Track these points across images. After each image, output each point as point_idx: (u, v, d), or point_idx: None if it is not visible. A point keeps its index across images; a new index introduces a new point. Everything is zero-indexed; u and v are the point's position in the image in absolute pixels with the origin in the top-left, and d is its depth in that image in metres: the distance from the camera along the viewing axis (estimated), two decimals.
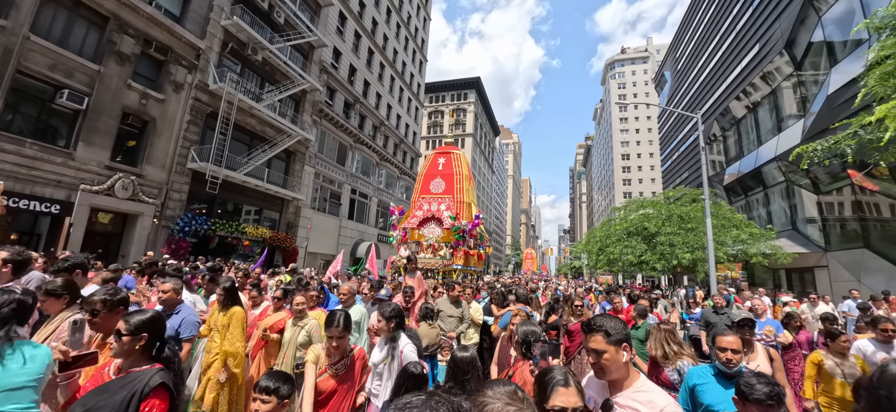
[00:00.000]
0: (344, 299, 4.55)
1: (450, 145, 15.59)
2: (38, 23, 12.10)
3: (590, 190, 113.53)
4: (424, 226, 13.69)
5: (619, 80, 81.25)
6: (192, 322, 3.66)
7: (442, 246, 12.88)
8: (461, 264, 12.69)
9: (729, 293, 13.50)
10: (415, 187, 14.98)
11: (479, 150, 69.73)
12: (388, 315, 3.39)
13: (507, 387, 1.23)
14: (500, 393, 1.21)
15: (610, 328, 1.87)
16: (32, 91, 12.14)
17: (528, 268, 46.04)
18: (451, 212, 13.19)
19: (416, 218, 13.81)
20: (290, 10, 21.38)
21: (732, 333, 2.73)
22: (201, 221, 16.21)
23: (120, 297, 2.66)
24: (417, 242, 13.37)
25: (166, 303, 3.68)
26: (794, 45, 19.54)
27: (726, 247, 17.63)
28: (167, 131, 15.61)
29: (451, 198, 13.76)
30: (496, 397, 1.19)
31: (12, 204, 11.27)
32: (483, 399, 1.20)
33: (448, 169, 14.41)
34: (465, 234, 12.94)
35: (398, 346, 3.33)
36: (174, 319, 3.58)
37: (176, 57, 15.88)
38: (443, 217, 13.29)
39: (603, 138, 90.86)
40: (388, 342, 3.36)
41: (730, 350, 2.62)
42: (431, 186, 14.23)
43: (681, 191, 23.59)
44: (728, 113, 27.14)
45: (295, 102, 23.04)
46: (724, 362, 2.63)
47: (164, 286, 3.72)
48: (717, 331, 2.77)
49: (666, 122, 46.43)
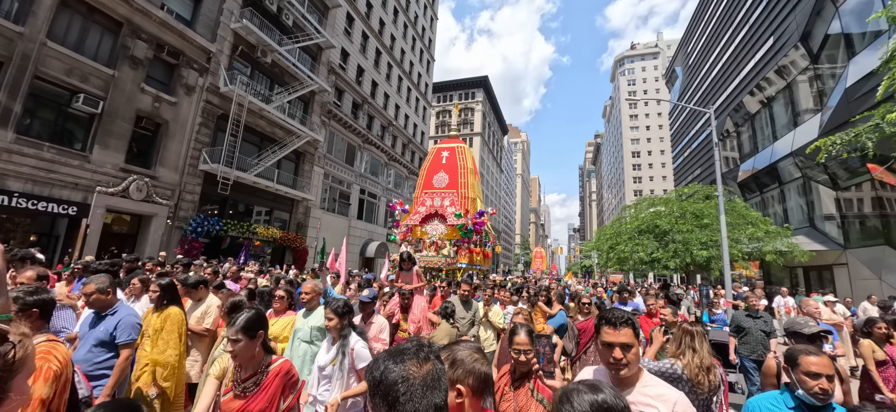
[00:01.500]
0: (306, 299, 3.93)
1: (454, 137, 14.78)
2: (55, 29, 12.39)
3: (600, 188, 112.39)
4: (427, 223, 13.05)
5: (628, 76, 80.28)
6: (130, 324, 3.09)
7: (445, 243, 12.28)
8: (466, 262, 12.16)
9: (742, 292, 13.23)
10: (417, 182, 14.27)
11: (487, 149, 69.51)
12: (335, 309, 3.09)
13: (471, 344, 1.58)
14: (466, 346, 1.55)
15: (636, 323, 1.84)
16: (49, 96, 12.44)
17: (538, 267, 45.66)
18: (456, 208, 12.56)
19: (418, 214, 13.20)
20: (298, 12, 21.56)
21: (821, 353, 2.19)
22: (213, 222, 16.44)
23: (36, 299, 2.26)
24: (420, 240, 12.75)
25: (95, 304, 3.08)
26: (809, 37, 19.05)
27: (741, 245, 17.27)
28: (180, 134, 15.86)
29: (456, 193, 13.03)
30: (462, 348, 1.52)
31: (31, 206, 11.56)
32: (452, 350, 1.53)
33: (452, 162, 13.65)
34: (470, 231, 12.31)
35: (349, 344, 3.06)
36: (109, 321, 3.06)
37: (187, 60, 16.12)
38: (446, 213, 12.66)
39: (613, 136, 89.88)
40: (338, 340, 3.08)
41: (825, 376, 2.06)
42: (434, 181, 13.55)
43: (694, 188, 23.17)
44: (742, 108, 26.60)
45: (304, 103, 23.23)
46: (818, 393, 2.05)
47: (87, 288, 3.07)
48: (800, 350, 2.22)
49: (677, 118, 45.72)
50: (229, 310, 3.56)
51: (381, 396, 1.01)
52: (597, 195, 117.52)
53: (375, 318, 4.30)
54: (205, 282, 4.55)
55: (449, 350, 1.52)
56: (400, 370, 1.03)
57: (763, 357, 5.43)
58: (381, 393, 1.01)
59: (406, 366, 1.04)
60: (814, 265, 18.84)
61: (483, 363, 1.48)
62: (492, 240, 14.61)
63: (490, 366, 1.54)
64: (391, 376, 1.02)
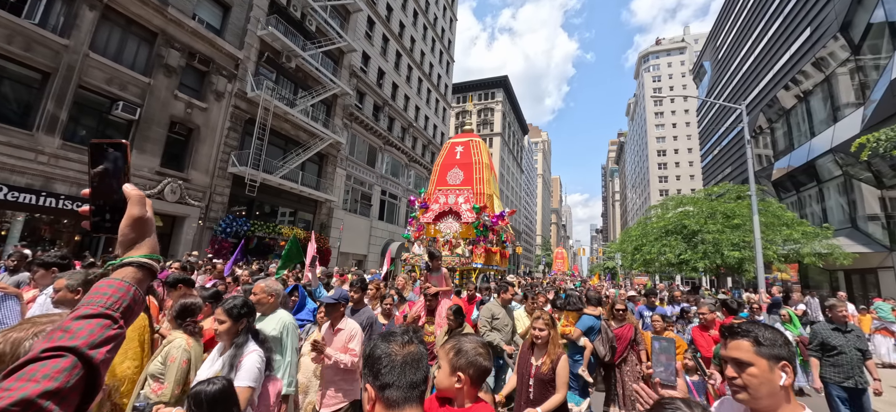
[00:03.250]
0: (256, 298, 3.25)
1: (469, 132, 14.02)
2: (96, 41, 13.13)
3: (623, 188, 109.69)
4: (441, 221, 12.34)
5: (653, 73, 78.03)
6: None
7: (460, 242, 11.51)
8: (482, 262, 11.41)
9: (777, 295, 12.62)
10: (431, 179, 13.61)
11: (507, 149, 69.05)
12: (229, 309, 2.47)
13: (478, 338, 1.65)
14: (473, 340, 1.66)
15: (763, 336, 1.42)
16: (92, 104, 13.21)
17: (559, 268, 44.93)
18: (471, 205, 11.80)
19: (432, 212, 12.49)
20: (321, 18, 22.05)
21: None
22: (241, 223, 17.01)
23: None
24: (433, 238, 12.10)
25: (60, 303, 2.69)
26: (850, 27, 18.01)
27: (776, 247, 16.49)
28: (210, 138, 16.51)
29: (470, 189, 12.28)
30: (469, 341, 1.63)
31: (76, 208, 12.30)
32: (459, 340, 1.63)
33: (467, 157, 12.85)
34: (487, 230, 11.59)
35: (242, 354, 2.35)
36: None
37: (217, 67, 16.77)
38: (461, 210, 11.90)
39: (637, 134, 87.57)
40: (229, 348, 2.38)
41: None
42: (448, 177, 12.80)
43: (724, 187, 22.28)
44: (776, 103, 25.41)
45: (326, 107, 23.73)
46: None
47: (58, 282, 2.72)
48: None
49: (705, 115, 44.11)
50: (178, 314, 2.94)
51: (369, 367, 1.22)
52: (620, 195, 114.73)
53: (346, 324, 3.58)
54: (185, 281, 3.95)
55: (456, 340, 1.68)
56: (385, 348, 1.23)
57: (862, 384, 4.45)
58: (369, 365, 1.23)
59: (391, 346, 1.24)
60: (856, 268, 17.77)
61: (486, 357, 1.62)
62: (509, 239, 13.98)
63: (492, 360, 1.65)
64: (377, 352, 1.23)
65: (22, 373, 0.62)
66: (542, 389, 3.28)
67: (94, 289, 0.78)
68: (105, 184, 0.89)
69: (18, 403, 0.58)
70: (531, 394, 3.32)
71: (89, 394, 0.68)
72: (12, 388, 0.60)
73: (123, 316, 0.77)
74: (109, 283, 0.80)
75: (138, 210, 0.90)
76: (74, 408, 0.65)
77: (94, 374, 0.68)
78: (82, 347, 0.67)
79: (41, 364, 0.64)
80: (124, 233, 0.88)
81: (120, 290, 0.79)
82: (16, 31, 11.22)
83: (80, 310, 0.73)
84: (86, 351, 0.67)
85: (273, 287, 3.40)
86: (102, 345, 0.70)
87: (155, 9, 14.45)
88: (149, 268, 0.87)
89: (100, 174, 0.88)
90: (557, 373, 3.25)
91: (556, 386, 3.24)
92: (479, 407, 1.56)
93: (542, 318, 3.48)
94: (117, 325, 0.75)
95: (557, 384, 3.24)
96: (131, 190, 0.90)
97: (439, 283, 5.80)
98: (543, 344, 3.40)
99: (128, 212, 0.89)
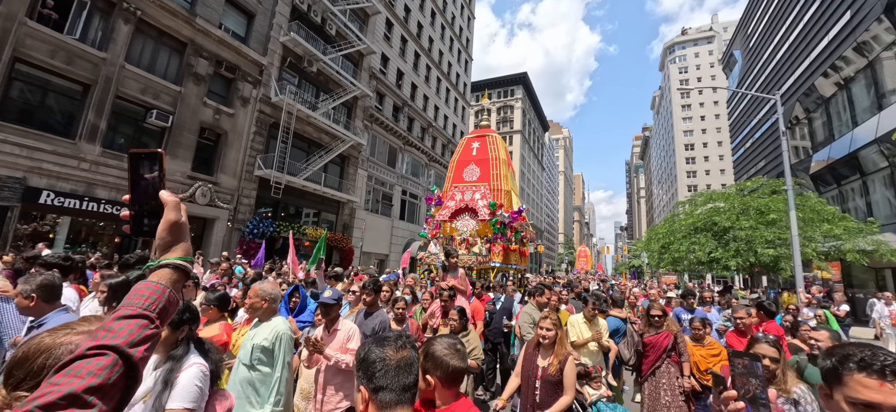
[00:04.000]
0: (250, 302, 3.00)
1: (485, 127, 13.67)
2: (131, 53, 13.82)
3: (649, 184, 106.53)
4: (457, 219, 12.06)
5: (679, 64, 75.32)
6: None
7: (477, 240, 11.17)
8: (500, 261, 11.09)
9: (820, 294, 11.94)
10: (446, 176, 13.26)
11: (527, 147, 68.30)
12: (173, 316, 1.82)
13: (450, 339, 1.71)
14: (444, 342, 1.69)
15: None
16: (128, 113, 13.93)
17: (582, 266, 44.01)
18: (487, 202, 11.47)
19: (448, 209, 12.13)
20: (340, 22, 22.43)
21: None
22: (268, 224, 17.52)
23: None
24: (450, 237, 11.83)
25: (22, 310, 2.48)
26: (895, 8, 16.85)
27: (815, 244, 15.61)
28: (237, 142, 17.09)
29: (487, 186, 11.97)
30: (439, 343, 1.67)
31: (116, 212, 12.98)
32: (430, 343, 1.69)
33: (483, 153, 12.52)
34: (505, 227, 11.24)
35: (180, 368, 1.98)
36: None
37: (242, 74, 17.33)
38: (477, 207, 11.56)
39: (663, 128, 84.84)
40: (165, 361, 2.00)
41: None
42: (464, 174, 12.52)
43: (758, 181, 21.26)
44: (813, 92, 24.05)
45: (347, 109, 24.12)
46: None
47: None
48: None
49: (736, 106, 42.24)
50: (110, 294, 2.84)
51: (363, 371, 1.27)
52: (646, 191, 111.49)
53: (343, 324, 3.50)
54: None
55: (427, 343, 1.73)
56: (380, 352, 1.29)
57: None
58: (363, 368, 1.28)
59: (385, 350, 1.29)
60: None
61: (454, 356, 1.63)
62: (529, 236, 13.22)
63: (463, 359, 1.64)
64: (372, 356, 1.28)
65: (69, 370, 0.67)
66: (549, 391, 3.18)
67: (133, 291, 0.84)
68: (143, 190, 0.95)
69: (65, 397, 0.62)
70: (538, 397, 3.21)
71: (128, 390, 0.73)
72: (61, 384, 0.64)
73: (159, 316, 0.82)
74: (147, 285, 0.85)
75: (175, 215, 0.95)
76: (115, 403, 0.69)
77: (133, 371, 0.73)
78: (122, 346, 0.72)
79: (86, 361, 0.68)
80: (162, 236, 0.93)
81: (156, 292, 0.84)
82: (59, 47, 11.95)
83: (121, 311, 0.79)
84: (126, 349, 0.72)
85: (269, 290, 3.04)
86: (140, 344, 0.75)
87: (184, 20, 15.07)
88: (183, 269, 0.93)
89: (138, 182, 0.94)
90: (565, 375, 3.16)
91: (564, 388, 3.14)
92: (460, 403, 1.62)
93: (549, 318, 3.38)
94: (154, 325, 0.80)
95: (565, 386, 3.14)
96: (168, 196, 0.95)
97: (459, 283, 5.67)
98: (550, 344, 3.30)
99: (165, 216, 0.94)
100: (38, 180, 11.58)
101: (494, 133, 13.18)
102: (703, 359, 4.42)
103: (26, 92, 11.83)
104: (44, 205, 11.67)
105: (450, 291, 5.05)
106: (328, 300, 3.48)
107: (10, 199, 10.98)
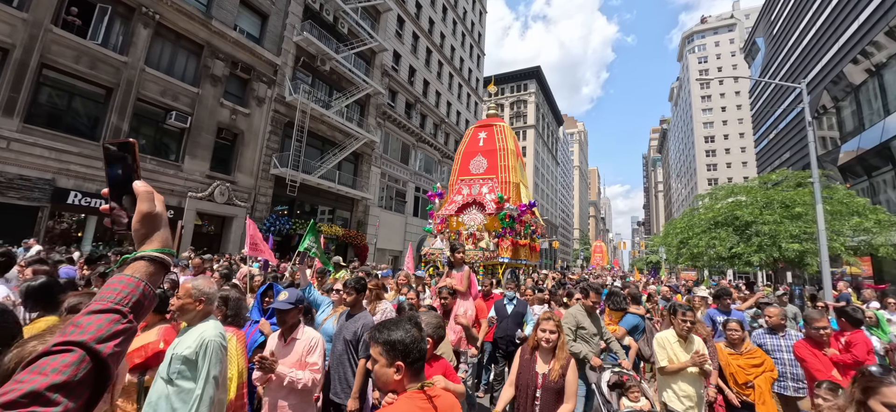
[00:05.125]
0: (179, 303, 2.50)
1: (492, 117, 12.98)
2: (150, 56, 14.19)
3: (666, 178, 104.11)
4: (464, 213, 11.49)
5: (699, 53, 73.08)
6: None
7: (484, 235, 10.68)
8: (509, 257, 10.50)
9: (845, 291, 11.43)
10: (452, 168, 12.65)
11: (541, 142, 67.53)
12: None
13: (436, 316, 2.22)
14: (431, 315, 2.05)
15: None
16: (149, 115, 14.32)
17: (598, 262, 43.38)
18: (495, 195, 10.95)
19: (454, 203, 11.64)
20: (352, 20, 22.53)
21: None
22: (284, 221, 17.82)
23: None
24: (457, 232, 11.29)
25: None
26: None
27: (844, 238, 14.99)
28: (253, 142, 17.40)
29: (495, 178, 11.36)
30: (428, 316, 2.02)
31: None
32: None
33: (490, 144, 11.90)
34: (514, 221, 10.70)
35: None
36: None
37: (257, 75, 17.61)
38: (485, 201, 11.04)
39: (681, 120, 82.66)
40: None
41: None
42: (471, 166, 11.99)
43: (783, 173, 20.51)
44: (842, 79, 23.04)
45: (360, 107, 24.27)
46: None
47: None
48: None
49: (759, 96, 40.83)
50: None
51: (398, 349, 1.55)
52: (663, 185, 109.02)
53: (303, 332, 2.98)
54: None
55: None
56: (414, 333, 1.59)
57: None
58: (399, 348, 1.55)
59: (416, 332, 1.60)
60: None
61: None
62: (540, 230, 12.63)
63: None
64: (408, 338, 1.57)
65: (34, 367, 0.65)
66: (551, 401, 2.90)
67: (105, 286, 0.80)
68: (119, 183, 0.91)
69: (27, 395, 0.60)
70: (538, 407, 2.92)
71: (99, 388, 0.70)
72: (24, 381, 0.62)
73: (133, 310, 0.79)
74: (119, 279, 0.82)
75: (147, 205, 0.91)
76: (84, 400, 0.67)
77: (102, 368, 0.70)
78: (90, 341, 0.69)
79: (51, 358, 0.66)
80: (135, 228, 0.90)
81: (129, 286, 0.81)
82: (82, 52, 12.35)
83: (91, 306, 0.76)
84: (93, 345, 0.69)
85: (203, 289, 2.52)
86: (110, 340, 0.72)
87: (200, 22, 15.38)
88: (161, 261, 0.89)
89: (113, 174, 0.91)
90: (567, 382, 2.90)
91: (566, 396, 2.88)
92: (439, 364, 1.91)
93: (552, 319, 3.05)
94: (126, 320, 0.77)
95: (567, 394, 2.88)
96: (140, 186, 0.91)
97: (460, 282, 5.23)
98: (551, 349, 3.02)
99: (137, 207, 0.90)
100: (66, 181, 12.04)
101: (502, 122, 12.64)
102: (741, 370, 3.84)
103: (54, 96, 12.28)
104: (72, 205, 12.12)
105: (450, 290, 4.67)
106: (282, 305, 2.87)
107: (40, 200, 11.45)
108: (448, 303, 4.57)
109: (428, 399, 1.55)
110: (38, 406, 0.60)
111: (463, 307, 5.02)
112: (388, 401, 1.61)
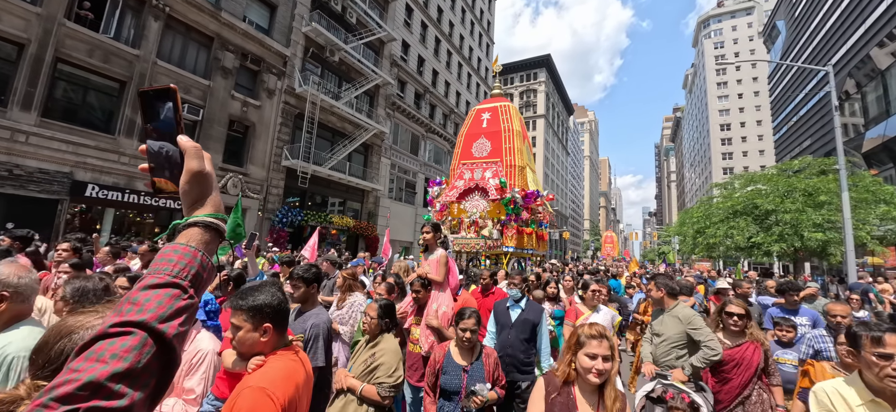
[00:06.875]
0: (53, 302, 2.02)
1: (496, 96, 12.30)
2: (162, 49, 14.23)
3: (680, 167, 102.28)
4: (466, 199, 10.83)
5: (715, 39, 71.06)
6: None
7: (487, 222, 10.04)
8: (514, 245, 9.86)
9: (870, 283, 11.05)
10: (454, 152, 11.97)
11: (551, 131, 66.70)
12: None
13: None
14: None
15: None
16: None
17: (608, 253, 42.86)
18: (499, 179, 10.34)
19: (455, 189, 10.90)
20: (360, 10, 22.32)
21: None
22: (296, 213, 17.92)
23: None
24: (459, 219, 10.66)
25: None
26: None
27: (870, 227, 14.50)
28: (264, 134, 17.44)
29: (499, 162, 10.65)
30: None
31: (154, 203, 13.55)
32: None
33: (494, 125, 11.10)
34: (519, 206, 10.12)
35: None
36: None
37: (267, 66, 17.58)
38: (488, 187, 10.39)
39: (696, 108, 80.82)
40: None
41: None
42: (473, 149, 11.28)
43: (805, 161, 19.88)
44: (867, 63, 22.15)
45: (369, 97, 24.16)
46: None
47: None
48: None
49: (779, 81, 39.58)
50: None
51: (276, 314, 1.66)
52: (676, 175, 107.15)
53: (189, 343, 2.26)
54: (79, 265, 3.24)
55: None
56: (284, 296, 1.72)
57: None
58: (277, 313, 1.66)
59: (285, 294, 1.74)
60: None
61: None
62: (547, 218, 11.96)
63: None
64: (285, 305, 1.70)
65: (90, 352, 0.55)
66: None
67: (159, 256, 0.70)
68: (158, 137, 0.79)
69: (86, 386, 0.51)
70: None
71: (166, 375, 0.61)
72: (81, 369, 0.53)
73: (193, 284, 0.69)
74: (174, 249, 0.72)
75: (197, 163, 0.79)
76: (150, 390, 0.57)
77: (167, 351, 0.60)
78: (151, 321, 0.60)
79: (110, 341, 0.56)
80: (184, 190, 0.79)
81: (186, 256, 0.71)
82: (95, 46, 12.42)
83: (147, 280, 0.66)
84: (155, 325, 0.60)
85: (10, 281, 1.70)
86: (174, 318, 0.63)
87: (210, 14, 15.36)
88: (215, 228, 0.79)
89: (152, 128, 0.79)
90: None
91: None
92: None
93: (604, 338, 1.95)
94: (187, 296, 0.67)
95: None
96: (186, 141, 0.79)
97: (432, 269, 4.04)
98: (597, 385, 1.93)
99: (185, 165, 0.79)
100: (84, 174, 12.21)
101: (507, 101, 11.89)
102: None
103: (69, 91, 12.41)
104: (90, 197, 12.31)
105: (422, 281, 3.87)
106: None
107: (59, 193, 11.64)
108: (421, 298, 3.77)
109: (295, 354, 1.63)
110: (100, 399, 0.51)
111: (436, 302, 3.86)
112: (257, 363, 1.61)
